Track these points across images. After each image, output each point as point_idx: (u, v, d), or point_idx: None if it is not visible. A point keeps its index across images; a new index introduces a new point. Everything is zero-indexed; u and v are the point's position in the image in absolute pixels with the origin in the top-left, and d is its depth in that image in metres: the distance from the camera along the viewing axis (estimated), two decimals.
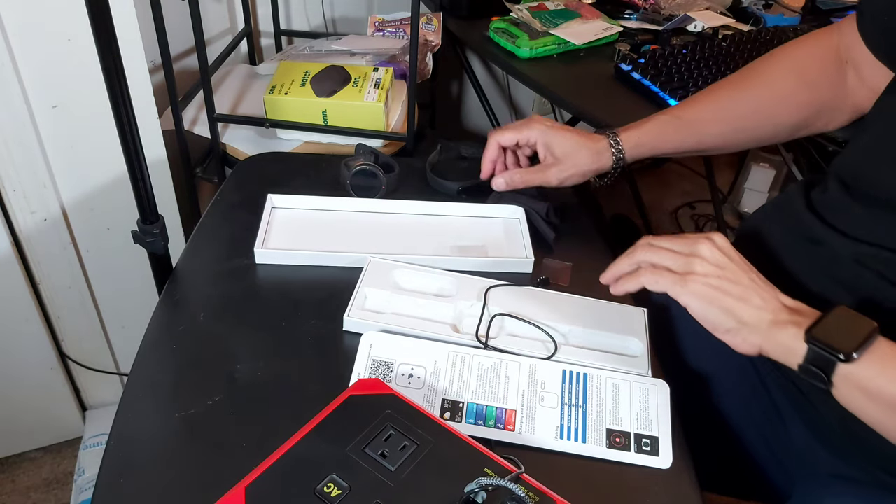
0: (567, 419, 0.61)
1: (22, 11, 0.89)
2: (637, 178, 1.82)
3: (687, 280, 0.59)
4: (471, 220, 0.86)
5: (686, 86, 1.06)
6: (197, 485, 0.54)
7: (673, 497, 0.57)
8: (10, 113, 0.95)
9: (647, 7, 1.37)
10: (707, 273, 0.59)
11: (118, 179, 1.07)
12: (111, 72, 0.64)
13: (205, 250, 0.79)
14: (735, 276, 0.60)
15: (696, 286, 0.59)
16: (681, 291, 0.59)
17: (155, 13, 0.98)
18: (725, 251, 0.61)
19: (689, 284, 0.59)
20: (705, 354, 0.81)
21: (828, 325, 0.54)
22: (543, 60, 1.21)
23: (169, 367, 0.65)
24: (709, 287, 0.58)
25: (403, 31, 1.32)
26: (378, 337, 0.66)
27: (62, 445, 1.34)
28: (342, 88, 1.09)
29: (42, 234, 1.08)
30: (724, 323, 0.58)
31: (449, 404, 0.61)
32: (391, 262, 0.75)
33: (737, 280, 0.59)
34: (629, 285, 0.63)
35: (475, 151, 0.98)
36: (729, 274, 0.60)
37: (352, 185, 0.86)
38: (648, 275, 0.61)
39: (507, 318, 0.70)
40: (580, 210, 0.90)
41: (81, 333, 1.23)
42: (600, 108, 1.08)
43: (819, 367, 0.53)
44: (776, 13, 1.44)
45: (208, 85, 1.07)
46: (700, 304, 0.58)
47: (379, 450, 0.52)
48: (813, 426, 0.69)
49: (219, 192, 0.88)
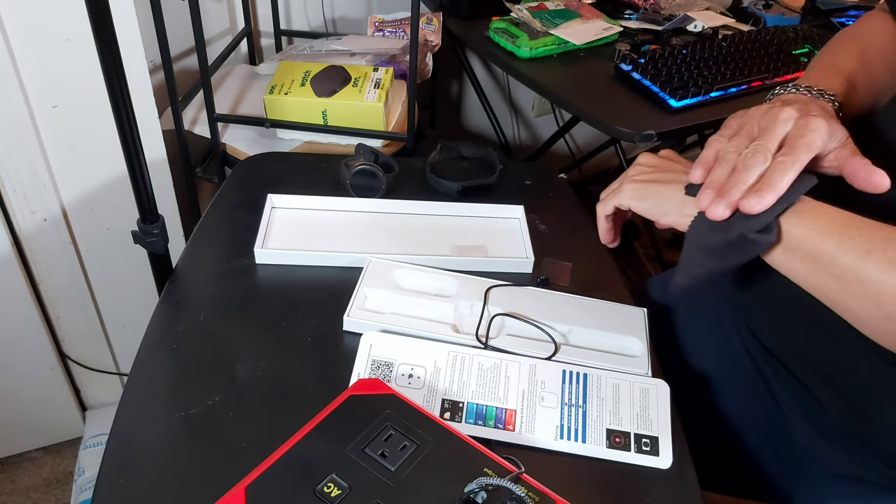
0: (567, 419, 0.61)
1: (22, 12, 0.89)
2: None
3: (622, 185, 0.65)
4: (471, 220, 0.86)
5: (686, 86, 1.06)
6: (197, 485, 0.54)
7: (673, 497, 0.57)
8: (10, 113, 0.95)
9: (647, 7, 1.37)
10: (639, 172, 0.66)
11: (118, 179, 1.07)
12: (111, 72, 0.64)
13: (205, 250, 0.79)
14: (667, 166, 0.65)
15: (628, 185, 0.65)
16: (620, 196, 0.66)
17: (155, 13, 0.98)
18: (663, 155, 0.67)
19: (624, 186, 0.65)
20: (705, 354, 0.81)
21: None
22: (543, 60, 1.21)
23: (169, 367, 0.65)
24: (639, 182, 0.64)
25: (403, 31, 1.32)
26: (378, 337, 0.66)
27: (62, 445, 1.34)
28: (342, 88, 1.09)
29: (42, 234, 1.08)
30: (659, 206, 0.62)
31: (449, 404, 0.61)
32: (391, 262, 0.75)
33: (668, 169, 0.64)
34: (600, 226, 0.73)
35: (475, 151, 0.98)
36: (661, 167, 0.65)
37: (352, 185, 0.86)
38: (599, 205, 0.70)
39: (508, 318, 0.70)
40: (580, 210, 0.90)
41: (81, 333, 1.23)
42: (600, 108, 1.08)
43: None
44: (776, 13, 1.44)
45: (208, 85, 1.07)
46: (634, 199, 0.64)
47: (379, 450, 0.52)
48: (816, 421, 0.69)
49: (219, 192, 0.88)
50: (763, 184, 0.52)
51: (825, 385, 0.67)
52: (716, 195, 0.54)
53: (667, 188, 0.61)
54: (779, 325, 0.73)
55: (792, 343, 0.71)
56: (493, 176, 0.91)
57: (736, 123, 0.59)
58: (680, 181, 0.61)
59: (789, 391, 0.72)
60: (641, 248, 1.93)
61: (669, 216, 0.61)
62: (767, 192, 0.51)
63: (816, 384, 0.68)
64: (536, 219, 0.86)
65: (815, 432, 0.69)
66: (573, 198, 0.92)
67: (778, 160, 0.53)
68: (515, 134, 1.95)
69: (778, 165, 0.52)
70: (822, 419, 0.68)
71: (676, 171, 0.63)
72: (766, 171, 0.53)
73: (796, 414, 0.71)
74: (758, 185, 0.52)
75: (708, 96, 1.07)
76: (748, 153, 0.54)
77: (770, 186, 0.51)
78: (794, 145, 0.53)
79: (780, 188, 0.52)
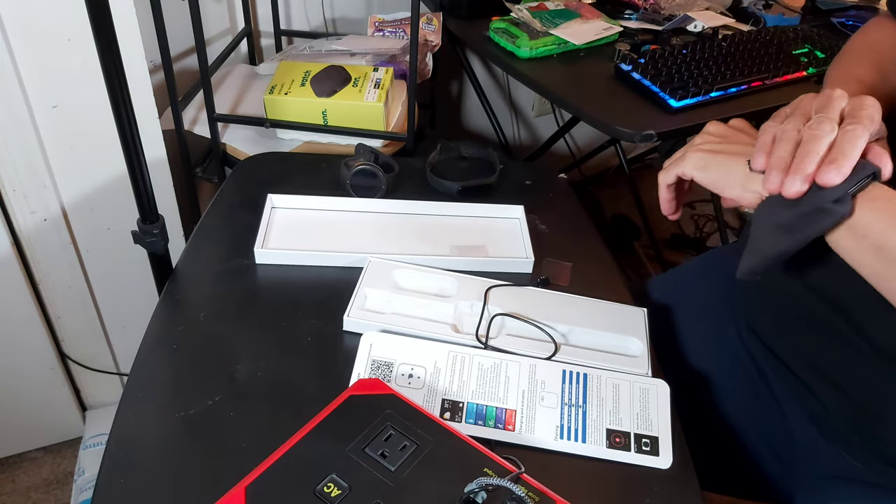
0: (567, 419, 0.61)
1: (22, 12, 0.88)
2: (637, 178, 1.82)
3: (686, 153, 0.61)
4: (471, 220, 0.86)
5: (686, 86, 1.06)
6: (197, 485, 0.54)
7: (673, 497, 0.57)
8: (10, 113, 0.95)
9: (647, 7, 1.37)
10: (705, 141, 0.61)
11: (118, 179, 1.07)
12: (111, 72, 0.64)
13: (205, 250, 0.79)
14: (736, 137, 0.61)
15: (694, 154, 0.60)
16: (683, 165, 0.61)
17: (155, 13, 0.98)
18: (734, 125, 0.62)
19: (688, 155, 0.61)
20: (705, 354, 0.81)
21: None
22: (543, 60, 1.21)
23: (169, 367, 0.65)
24: (704, 152, 0.60)
25: (403, 31, 1.32)
26: (378, 337, 0.66)
27: (62, 445, 1.34)
28: (342, 88, 1.09)
29: (42, 234, 1.08)
30: (724, 179, 0.58)
31: (449, 404, 0.61)
32: (391, 262, 0.75)
33: (737, 140, 0.60)
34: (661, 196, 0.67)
35: (475, 151, 0.98)
36: (730, 138, 0.61)
37: (352, 185, 0.86)
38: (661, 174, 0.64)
39: (508, 318, 0.70)
40: (580, 210, 0.90)
41: (81, 333, 1.23)
42: (600, 108, 1.08)
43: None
44: (776, 13, 1.44)
45: (208, 85, 1.07)
46: (698, 168, 0.60)
47: (379, 450, 0.52)
48: (817, 421, 0.69)
49: (219, 192, 0.88)
50: (836, 153, 0.50)
51: (826, 385, 0.67)
52: (786, 172, 0.51)
53: (734, 160, 0.58)
54: (780, 325, 0.73)
55: (793, 342, 0.71)
56: (493, 176, 0.91)
57: (788, 108, 0.58)
58: (748, 154, 0.57)
59: (790, 391, 0.72)
60: (641, 248, 1.93)
61: (733, 189, 0.58)
62: (843, 162, 0.49)
63: (818, 384, 0.68)
64: (536, 219, 0.86)
65: (817, 432, 0.69)
66: (573, 198, 0.92)
67: (846, 129, 0.51)
68: (515, 134, 1.95)
69: (847, 134, 0.50)
70: (823, 419, 0.68)
71: (745, 142, 0.59)
72: (834, 142, 0.51)
73: (797, 414, 0.71)
74: (830, 156, 0.50)
75: (708, 96, 1.07)
76: (813, 124, 0.52)
77: (844, 155, 0.50)
78: (857, 115, 0.52)
79: (853, 156, 0.50)
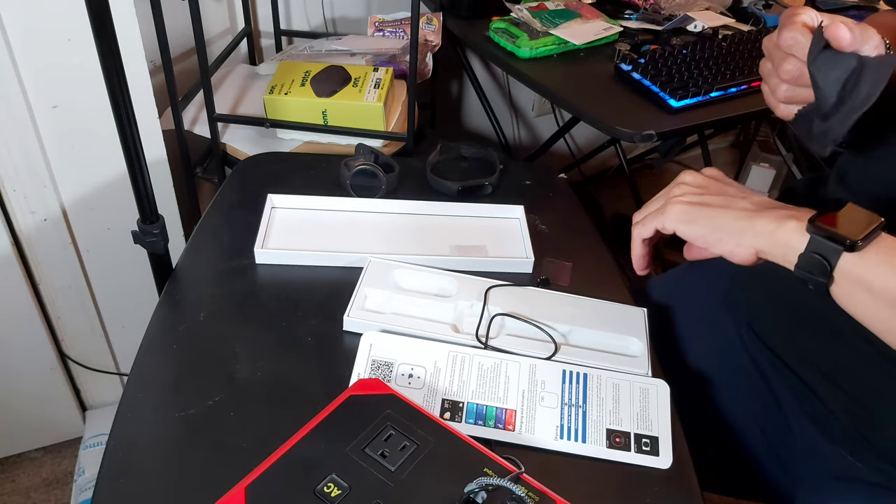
0: (567, 419, 0.61)
1: (22, 12, 0.88)
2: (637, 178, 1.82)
3: (666, 206, 0.58)
4: (471, 220, 0.86)
5: (686, 86, 1.06)
6: (197, 485, 0.54)
7: (673, 497, 0.57)
8: (10, 113, 0.95)
9: (647, 7, 1.37)
10: (686, 192, 0.59)
11: (118, 179, 1.07)
12: (111, 72, 0.64)
13: (205, 250, 0.79)
14: (719, 189, 0.58)
15: (676, 207, 0.58)
16: (664, 218, 0.58)
17: (155, 13, 0.98)
18: (710, 175, 0.60)
19: (669, 208, 0.58)
20: (705, 354, 0.81)
21: (833, 217, 0.51)
22: (543, 60, 1.20)
23: (169, 367, 0.65)
24: (688, 204, 0.57)
25: (403, 31, 1.32)
26: (378, 337, 0.66)
27: (62, 445, 1.34)
28: (342, 88, 1.09)
29: (42, 234, 1.08)
30: (711, 234, 0.56)
31: (449, 404, 0.61)
32: (391, 262, 0.75)
33: (720, 192, 0.58)
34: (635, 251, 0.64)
35: (475, 151, 0.98)
36: (712, 189, 0.58)
37: (352, 185, 0.86)
38: (637, 227, 0.61)
39: (508, 318, 0.70)
40: (580, 210, 0.90)
41: (81, 333, 1.23)
42: (600, 108, 1.07)
43: (822, 256, 0.50)
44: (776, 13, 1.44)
45: (208, 85, 1.07)
46: (682, 222, 0.57)
47: (379, 450, 0.52)
48: (819, 422, 0.69)
49: (219, 192, 0.88)
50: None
51: (829, 386, 0.67)
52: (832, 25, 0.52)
53: (722, 213, 0.55)
54: (781, 326, 0.73)
55: (795, 344, 0.71)
56: (493, 176, 0.91)
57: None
58: (735, 206, 0.55)
59: (791, 391, 0.71)
60: None
61: (724, 245, 0.55)
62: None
63: (820, 385, 0.68)
64: (536, 219, 0.86)
65: (818, 433, 0.69)
66: (573, 198, 0.92)
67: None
68: (515, 134, 1.95)
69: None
70: (825, 419, 0.68)
71: (730, 194, 0.57)
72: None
73: (798, 414, 0.71)
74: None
75: (708, 96, 1.07)
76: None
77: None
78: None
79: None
